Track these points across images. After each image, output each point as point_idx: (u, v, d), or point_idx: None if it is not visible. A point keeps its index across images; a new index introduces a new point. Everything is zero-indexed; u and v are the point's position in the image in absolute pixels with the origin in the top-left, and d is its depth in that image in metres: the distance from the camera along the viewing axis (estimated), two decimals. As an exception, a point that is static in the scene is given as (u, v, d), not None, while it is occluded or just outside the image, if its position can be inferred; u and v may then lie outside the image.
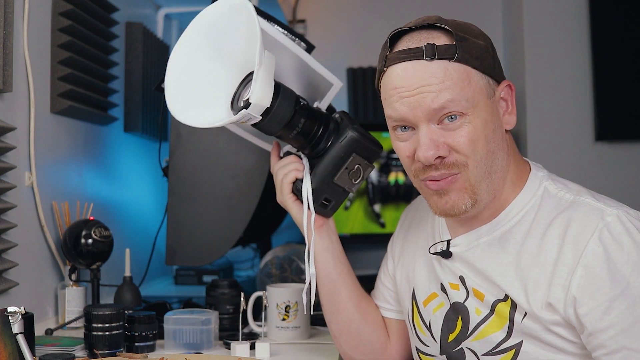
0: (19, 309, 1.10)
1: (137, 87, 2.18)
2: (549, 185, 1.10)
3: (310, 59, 1.27)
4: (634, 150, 2.67)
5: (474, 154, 1.05)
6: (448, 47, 1.03)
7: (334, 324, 1.31)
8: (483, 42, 1.07)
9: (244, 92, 1.16)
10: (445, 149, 1.04)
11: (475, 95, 1.04)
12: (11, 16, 1.45)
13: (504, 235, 1.09)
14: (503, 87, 1.09)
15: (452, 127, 1.04)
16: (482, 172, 1.06)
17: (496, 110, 1.08)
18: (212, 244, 1.60)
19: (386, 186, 2.56)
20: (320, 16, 3.01)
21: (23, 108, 1.56)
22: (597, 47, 2.67)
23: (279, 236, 2.52)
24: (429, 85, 1.02)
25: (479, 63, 1.05)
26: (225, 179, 1.58)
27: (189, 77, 1.19)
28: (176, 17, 2.70)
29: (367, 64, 2.97)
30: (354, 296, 1.30)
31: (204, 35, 1.19)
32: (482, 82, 1.06)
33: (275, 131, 1.19)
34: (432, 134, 1.04)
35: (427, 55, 1.03)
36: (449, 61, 1.03)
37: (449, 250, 1.14)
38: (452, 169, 1.05)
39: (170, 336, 1.40)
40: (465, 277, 1.12)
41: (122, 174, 2.17)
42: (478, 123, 1.04)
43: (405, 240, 1.29)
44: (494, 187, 1.08)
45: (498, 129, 1.08)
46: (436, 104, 1.02)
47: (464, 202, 1.06)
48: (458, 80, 1.03)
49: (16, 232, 1.48)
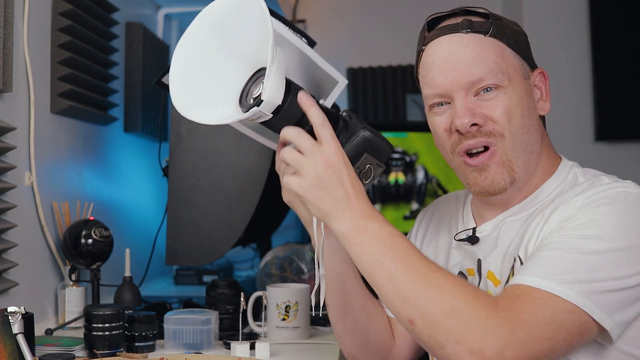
0: (19, 309, 1.10)
1: (137, 87, 2.18)
2: (578, 172, 1.12)
3: (316, 55, 1.27)
4: (634, 150, 2.67)
5: (510, 126, 1.07)
6: (483, 23, 1.08)
7: (339, 324, 1.30)
8: (518, 27, 1.12)
9: (253, 89, 1.15)
10: (482, 118, 1.07)
11: (510, 70, 1.08)
12: (11, 16, 1.45)
13: (531, 215, 1.10)
14: (537, 74, 1.13)
15: (488, 97, 1.07)
16: (519, 145, 1.08)
17: (531, 92, 1.11)
18: (212, 244, 1.60)
19: (386, 186, 2.56)
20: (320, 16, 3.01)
21: (23, 108, 1.56)
22: (597, 47, 2.67)
23: (279, 236, 2.52)
24: (467, 57, 1.07)
25: (513, 42, 1.09)
26: (225, 179, 1.58)
27: (194, 72, 1.18)
28: (176, 17, 2.70)
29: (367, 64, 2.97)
30: (360, 297, 1.29)
31: (211, 30, 1.17)
32: (517, 62, 1.09)
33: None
34: (469, 103, 1.08)
35: (463, 28, 1.08)
36: (484, 35, 1.07)
37: (475, 235, 1.16)
38: (490, 137, 1.08)
39: (170, 336, 1.40)
40: (482, 260, 1.13)
41: (122, 174, 2.17)
42: (514, 97, 1.07)
43: (425, 238, 1.30)
44: (529, 166, 1.10)
45: (533, 110, 1.10)
46: (473, 76, 1.06)
47: (503, 177, 1.08)
48: (493, 53, 1.07)
49: (16, 232, 1.48)
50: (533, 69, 1.13)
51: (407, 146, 2.44)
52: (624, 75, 2.65)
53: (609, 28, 2.66)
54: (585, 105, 2.68)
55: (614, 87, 2.65)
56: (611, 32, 2.66)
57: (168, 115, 1.70)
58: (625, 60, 2.65)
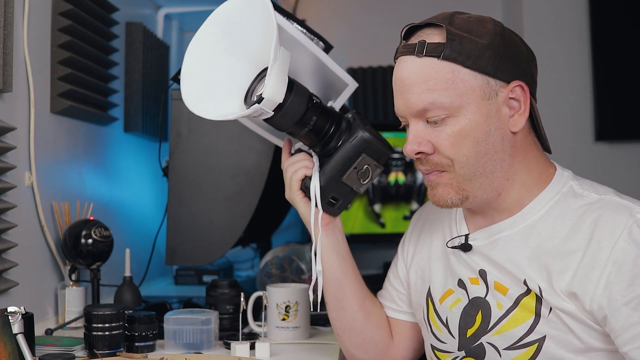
0: (19, 309, 1.10)
1: (137, 87, 2.18)
2: (574, 185, 1.11)
3: (327, 58, 1.28)
4: (634, 150, 2.67)
5: (458, 156, 1.07)
6: (437, 46, 1.05)
7: (337, 322, 1.31)
8: (488, 40, 1.05)
9: (258, 87, 1.17)
10: (429, 147, 1.08)
11: (464, 95, 1.05)
12: (11, 16, 1.45)
13: (527, 228, 1.10)
14: (512, 88, 1.07)
15: (436, 127, 1.07)
16: (471, 172, 1.08)
17: (495, 112, 1.07)
18: (212, 244, 1.60)
19: (386, 186, 2.56)
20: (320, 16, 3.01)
21: (23, 108, 1.56)
22: (597, 47, 2.67)
23: (279, 236, 2.52)
24: (415, 85, 1.06)
25: (471, 62, 1.05)
26: (225, 179, 1.58)
27: (204, 70, 1.20)
28: (176, 17, 2.70)
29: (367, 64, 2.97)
30: (358, 295, 1.30)
31: (221, 29, 1.20)
32: (476, 82, 1.05)
33: (287, 127, 1.19)
34: (418, 130, 1.09)
35: (417, 52, 1.06)
36: (437, 59, 1.05)
37: (467, 243, 1.15)
38: (437, 167, 1.09)
39: (170, 336, 1.40)
40: (486, 272, 1.13)
41: (122, 174, 2.17)
42: (465, 124, 1.06)
43: (420, 239, 1.30)
44: (492, 185, 1.09)
45: (496, 131, 1.07)
46: (419, 105, 1.07)
47: (450, 197, 1.10)
48: (442, 80, 1.05)
49: (16, 232, 1.48)
50: (508, 81, 1.07)
51: (407, 146, 2.44)
52: (624, 75, 2.65)
53: (609, 28, 2.66)
54: (585, 105, 2.68)
55: (614, 87, 2.65)
56: (611, 32, 2.66)
57: (168, 115, 1.70)
58: (625, 60, 2.65)
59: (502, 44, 1.07)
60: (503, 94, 1.07)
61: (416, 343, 1.32)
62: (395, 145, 2.38)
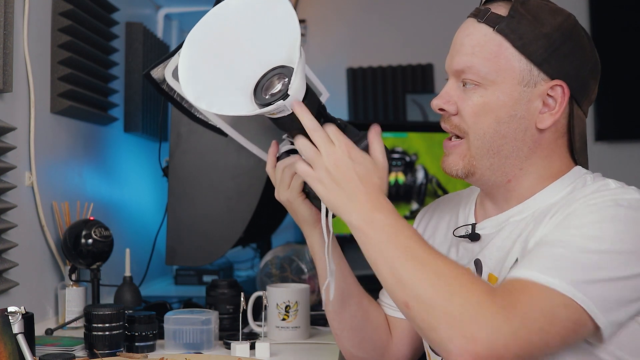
0: (19, 309, 1.10)
1: (137, 87, 2.18)
2: (588, 177, 1.10)
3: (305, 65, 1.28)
4: (634, 150, 2.67)
5: (476, 127, 1.07)
6: (497, 17, 1.06)
7: (336, 321, 1.31)
8: (548, 30, 1.04)
9: (270, 85, 1.16)
10: (454, 108, 1.09)
11: (501, 72, 1.05)
12: (11, 16, 1.45)
13: (536, 214, 1.08)
14: (554, 85, 1.05)
15: (467, 91, 1.08)
16: (485, 148, 1.07)
17: (527, 101, 1.05)
18: (212, 244, 1.60)
19: (386, 186, 2.56)
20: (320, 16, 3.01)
21: (23, 108, 1.56)
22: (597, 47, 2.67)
23: (279, 236, 2.52)
24: (464, 46, 1.08)
25: (521, 43, 1.04)
26: (225, 179, 1.58)
27: (205, 66, 1.17)
28: (176, 17, 2.70)
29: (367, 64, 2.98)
30: (355, 293, 1.30)
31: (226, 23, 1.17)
32: (518, 65, 1.05)
33: (297, 127, 1.19)
34: (451, 89, 1.10)
35: (479, 17, 1.08)
36: (492, 29, 1.06)
37: (475, 232, 1.15)
38: (455, 130, 1.10)
39: (170, 336, 1.40)
40: (482, 261, 1.12)
41: (122, 174, 2.17)
42: (491, 99, 1.06)
43: (424, 236, 1.29)
44: (502, 169, 1.09)
45: (521, 119, 1.06)
46: (459, 65, 1.08)
47: (458, 167, 1.10)
48: (487, 50, 1.05)
49: (16, 232, 1.48)
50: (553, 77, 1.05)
51: (407, 146, 2.44)
52: (624, 75, 2.65)
53: (608, 28, 2.66)
54: (585, 105, 2.69)
55: (614, 87, 2.65)
56: (611, 32, 2.66)
57: (168, 115, 1.70)
58: (625, 60, 2.65)
59: (562, 40, 1.05)
60: (542, 87, 1.05)
61: (415, 341, 1.32)
62: (395, 146, 2.39)
